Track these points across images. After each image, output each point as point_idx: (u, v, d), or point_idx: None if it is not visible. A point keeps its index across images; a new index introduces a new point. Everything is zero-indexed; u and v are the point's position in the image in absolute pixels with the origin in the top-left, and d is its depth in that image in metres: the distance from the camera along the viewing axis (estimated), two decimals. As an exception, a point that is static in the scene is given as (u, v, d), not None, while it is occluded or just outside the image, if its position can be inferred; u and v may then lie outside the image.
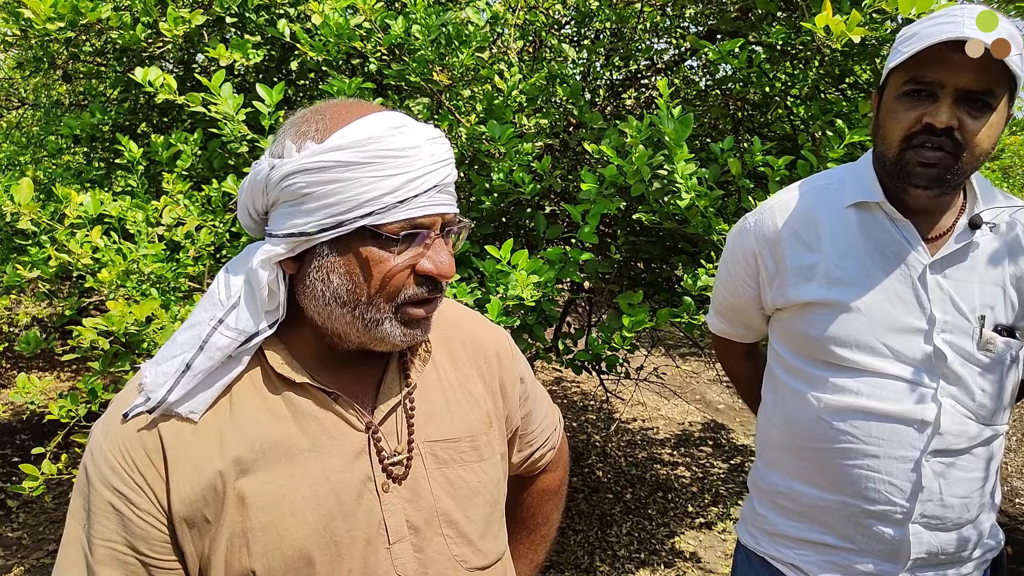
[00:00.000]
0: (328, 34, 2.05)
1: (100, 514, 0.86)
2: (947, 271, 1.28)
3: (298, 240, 0.86)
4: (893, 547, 1.31)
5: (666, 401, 5.63)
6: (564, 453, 1.31)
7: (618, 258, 2.45)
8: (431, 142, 0.88)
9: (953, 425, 1.27)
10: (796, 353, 1.39)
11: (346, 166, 0.83)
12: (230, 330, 0.89)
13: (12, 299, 2.85)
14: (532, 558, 1.30)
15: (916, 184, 1.21)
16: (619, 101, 3.05)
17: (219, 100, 1.93)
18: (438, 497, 0.97)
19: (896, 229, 1.30)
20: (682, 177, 1.85)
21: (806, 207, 1.37)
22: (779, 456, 1.44)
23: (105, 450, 0.87)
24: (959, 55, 1.12)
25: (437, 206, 0.88)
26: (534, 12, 2.49)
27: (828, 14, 1.60)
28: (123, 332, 1.75)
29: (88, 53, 2.82)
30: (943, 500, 1.28)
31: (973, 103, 1.16)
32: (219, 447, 0.88)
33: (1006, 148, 2.93)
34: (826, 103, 2.42)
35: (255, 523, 0.87)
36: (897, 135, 1.21)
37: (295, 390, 0.92)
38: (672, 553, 3.49)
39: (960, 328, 1.27)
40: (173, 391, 0.87)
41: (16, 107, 3.92)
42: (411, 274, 0.88)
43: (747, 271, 1.45)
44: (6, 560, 3.27)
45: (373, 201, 0.84)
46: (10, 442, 4.49)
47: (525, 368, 1.17)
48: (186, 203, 2.09)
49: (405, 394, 0.98)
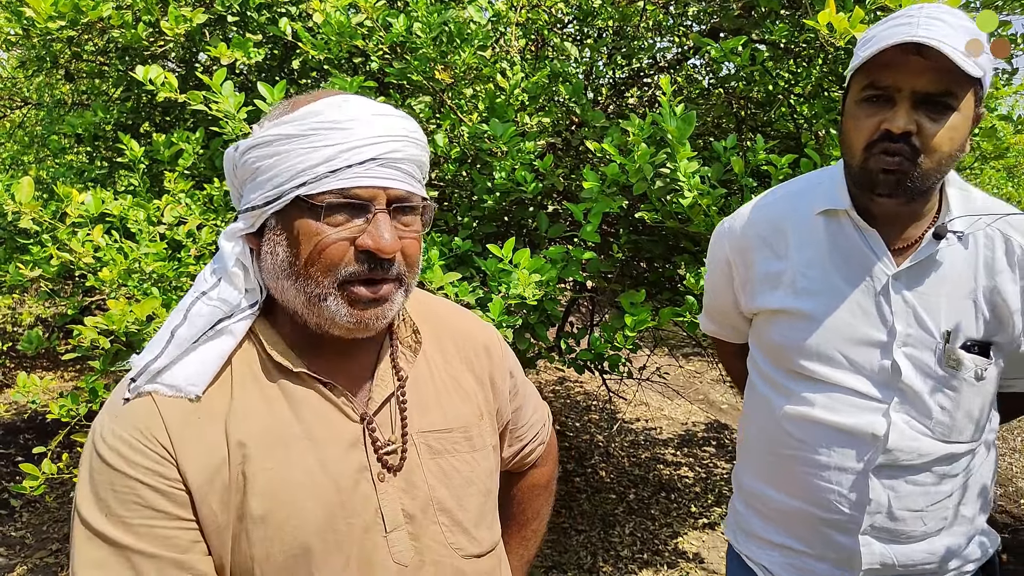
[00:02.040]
0: (330, 32, 2.05)
1: (130, 496, 0.84)
2: (913, 283, 1.24)
3: (253, 214, 0.90)
4: (846, 556, 1.30)
5: (669, 401, 5.61)
6: (553, 448, 1.33)
7: (620, 257, 2.44)
8: (375, 116, 0.88)
9: (903, 442, 1.24)
10: (767, 359, 1.39)
11: (287, 139, 0.86)
12: (212, 300, 0.91)
13: (16, 299, 2.86)
14: (523, 553, 1.31)
15: (879, 192, 1.18)
16: (622, 100, 3.04)
17: (220, 98, 1.93)
18: (432, 486, 0.98)
19: (862, 238, 1.27)
20: (684, 175, 1.84)
21: (777, 213, 1.36)
22: (751, 459, 1.45)
23: (118, 431, 0.85)
24: (914, 58, 1.10)
25: (376, 179, 0.87)
26: (536, 10, 2.49)
27: (831, 11, 1.59)
28: (123, 331, 1.75)
29: (90, 52, 2.82)
30: (893, 513, 1.26)
31: (932, 106, 1.13)
32: (223, 432, 0.88)
33: (1011, 147, 2.91)
34: (829, 101, 2.41)
35: (254, 510, 0.87)
36: (859, 142, 1.18)
37: (291, 378, 0.93)
38: (675, 553, 3.48)
39: (922, 343, 1.24)
40: (158, 359, 0.88)
41: (19, 106, 3.93)
42: (351, 249, 0.87)
43: (724, 275, 1.45)
44: (9, 559, 3.27)
45: (307, 171, 0.85)
46: (14, 441, 4.49)
47: (514, 364, 1.18)
48: (188, 202, 2.08)
49: (398, 386, 0.98)
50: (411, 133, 0.91)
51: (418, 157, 0.92)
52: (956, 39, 1.08)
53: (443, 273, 1.89)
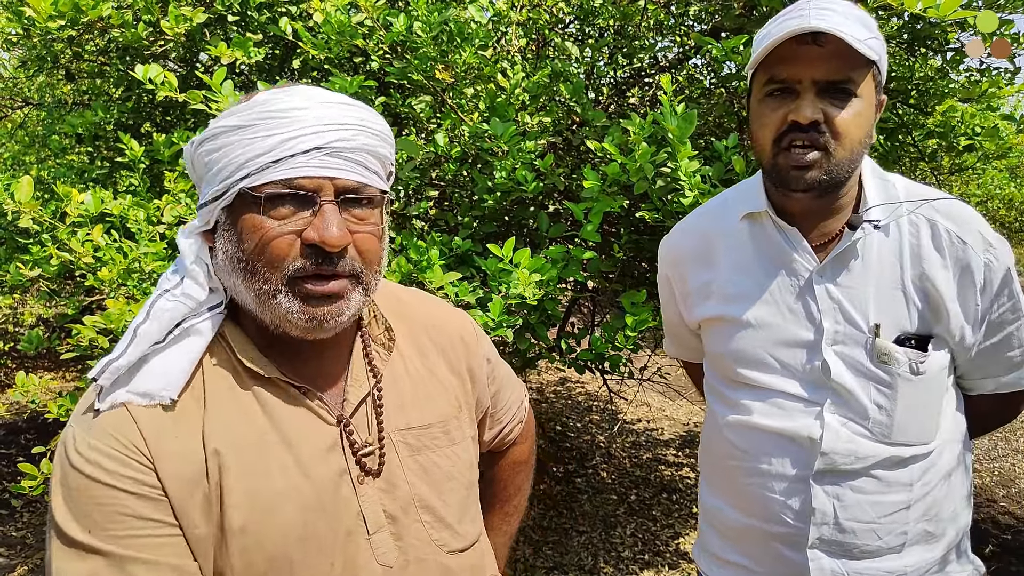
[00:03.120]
0: (330, 32, 2.05)
1: (115, 507, 0.80)
2: (837, 278, 1.21)
3: (206, 211, 0.87)
4: (795, 573, 1.24)
5: (671, 402, 5.60)
6: (531, 425, 1.32)
7: (621, 257, 2.43)
8: (323, 104, 0.85)
9: (839, 443, 1.19)
10: (712, 371, 1.39)
11: (232, 130, 0.84)
12: (176, 296, 0.88)
13: (16, 299, 2.85)
14: (506, 529, 1.32)
15: (794, 188, 1.16)
16: (623, 99, 3.03)
17: (220, 98, 1.93)
18: (413, 484, 0.97)
19: (783, 237, 1.25)
20: (685, 175, 1.84)
21: (704, 225, 1.37)
22: (707, 475, 1.44)
23: (93, 443, 0.81)
24: (811, 48, 1.10)
25: (321, 168, 0.83)
26: (537, 10, 2.48)
27: (833, 9, 1.58)
28: (121, 330, 1.75)
29: (91, 52, 2.82)
30: (840, 525, 1.20)
31: (835, 93, 1.12)
32: (200, 441, 0.85)
33: (1014, 147, 2.90)
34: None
35: (233, 522, 0.84)
36: (767, 138, 1.17)
37: (265, 385, 0.90)
38: (676, 554, 3.47)
39: (851, 338, 1.20)
40: (121, 357, 0.84)
41: (20, 106, 3.93)
42: (298, 243, 0.83)
43: (668, 292, 1.46)
44: (9, 559, 3.27)
45: (250, 162, 0.82)
46: (14, 441, 4.49)
47: (490, 348, 1.17)
48: (188, 202, 2.08)
49: (373, 384, 0.97)
50: (366, 122, 0.87)
51: (374, 148, 0.88)
52: (848, 26, 1.08)
53: (443, 273, 1.88)
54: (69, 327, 1.86)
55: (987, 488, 4.16)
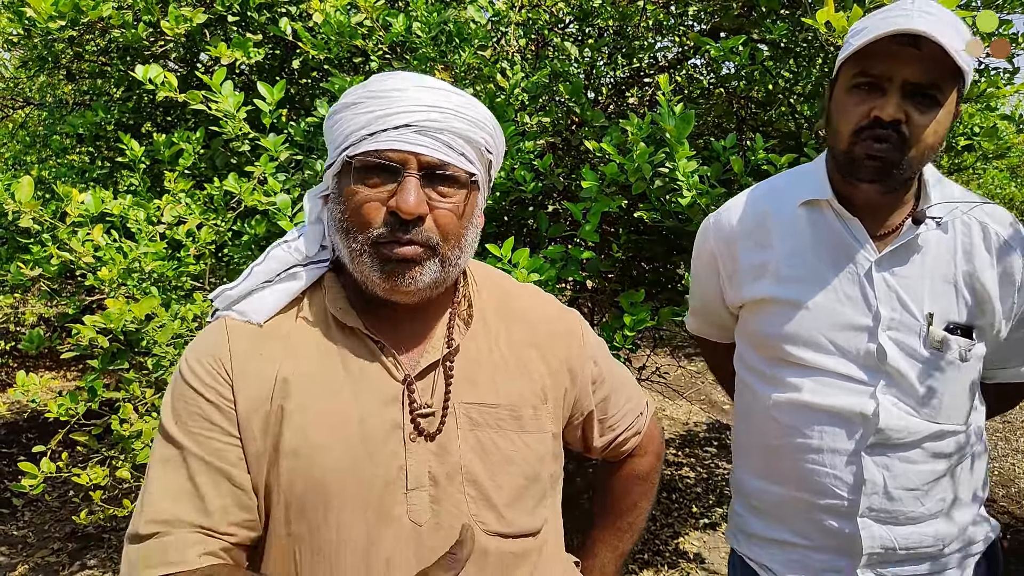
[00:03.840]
0: (329, 32, 2.05)
1: (193, 407, 0.95)
2: (895, 268, 1.28)
3: (327, 177, 1.00)
4: (846, 542, 1.31)
5: (670, 401, 5.61)
6: (654, 440, 1.31)
7: (620, 257, 2.44)
8: (420, 88, 0.94)
9: (893, 420, 1.26)
10: (754, 351, 1.42)
11: (344, 107, 0.96)
12: (290, 247, 1.03)
13: (18, 298, 2.86)
14: (617, 545, 1.31)
15: (862, 178, 1.22)
16: (623, 99, 3.04)
17: (219, 98, 1.93)
18: (465, 456, 1.00)
19: (844, 227, 1.31)
20: (683, 175, 1.84)
21: (760, 206, 1.40)
22: (745, 456, 1.48)
23: (197, 354, 0.98)
24: (907, 48, 1.13)
25: (408, 144, 0.91)
26: (536, 10, 2.49)
27: (830, 9, 1.59)
28: (121, 329, 1.75)
29: (92, 52, 2.82)
30: (889, 493, 1.28)
31: (920, 97, 1.16)
32: (275, 367, 0.97)
33: (1013, 147, 2.90)
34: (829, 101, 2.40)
35: (286, 443, 0.94)
36: (847, 129, 1.21)
37: (346, 333, 1.00)
38: (676, 554, 3.47)
39: (907, 325, 1.27)
40: (236, 287, 1.01)
41: (21, 106, 3.94)
42: (383, 211, 0.93)
43: (710, 269, 1.47)
44: (11, 558, 3.28)
45: (352, 135, 0.94)
46: (16, 441, 4.50)
47: (599, 352, 1.19)
48: (188, 201, 2.09)
49: (445, 355, 1.02)
50: (461, 108, 0.95)
51: (464, 131, 0.95)
52: (948, 34, 1.11)
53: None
54: (69, 327, 1.87)
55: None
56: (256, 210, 2.06)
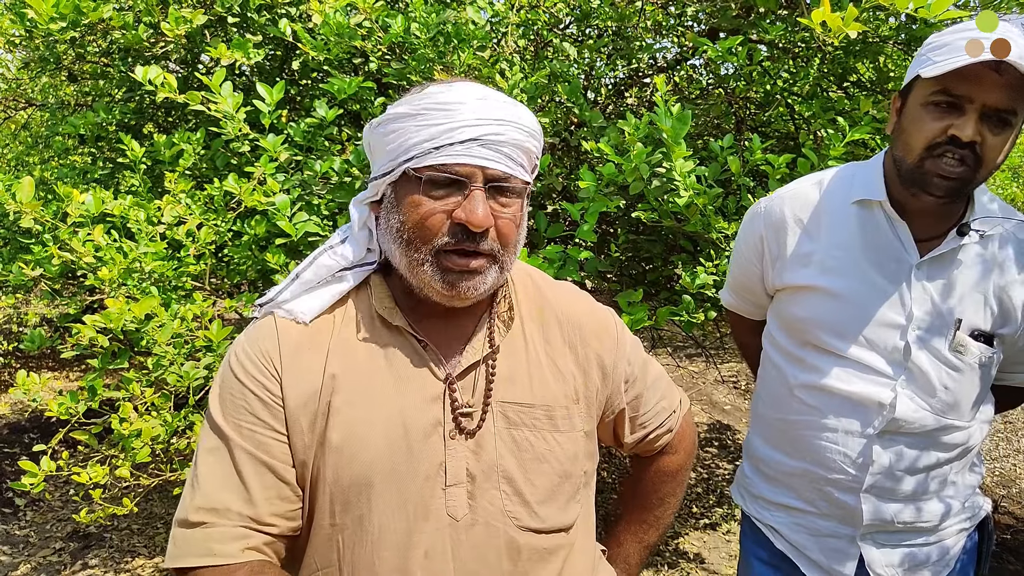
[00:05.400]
0: (329, 33, 2.06)
1: (241, 400, 0.99)
2: (933, 273, 1.34)
3: (376, 184, 1.02)
4: (848, 512, 1.41)
5: (672, 402, 5.60)
6: (686, 438, 1.34)
7: (618, 257, 2.44)
8: (479, 100, 0.96)
9: (908, 412, 1.34)
10: (785, 333, 1.48)
11: (402, 117, 0.97)
12: (336, 254, 1.05)
13: (20, 298, 2.87)
14: (642, 537, 1.33)
15: (932, 193, 1.26)
16: (621, 100, 3.04)
17: (219, 99, 1.94)
18: (500, 454, 1.03)
19: (892, 229, 1.36)
20: (680, 175, 1.85)
21: (813, 199, 1.45)
22: (762, 426, 1.56)
23: (246, 349, 1.01)
24: (991, 73, 1.16)
25: (474, 158, 0.94)
26: (535, 11, 2.49)
27: (826, 10, 1.59)
28: (120, 329, 1.76)
29: (93, 53, 2.84)
30: (893, 474, 1.36)
31: (996, 121, 1.20)
32: (323, 363, 1.00)
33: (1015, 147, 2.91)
34: (827, 101, 2.41)
35: (332, 438, 0.98)
36: (920, 143, 1.24)
37: (392, 332, 1.03)
38: (676, 554, 3.48)
39: (935, 328, 1.33)
40: (283, 292, 1.04)
41: (23, 107, 3.95)
42: (448, 222, 0.95)
43: (755, 252, 1.52)
44: (13, 558, 3.29)
45: (415, 147, 0.95)
46: (18, 440, 4.52)
47: (633, 351, 1.21)
48: (188, 202, 2.10)
49: (486, 355, 1.05)
50: (517, 119, 0.97)
51: (522, 142, 0.98)
52: None
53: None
54: (70, 326, 1.88)
55: (987, 488, 4.16)
56: (256, 210, 2.07)
